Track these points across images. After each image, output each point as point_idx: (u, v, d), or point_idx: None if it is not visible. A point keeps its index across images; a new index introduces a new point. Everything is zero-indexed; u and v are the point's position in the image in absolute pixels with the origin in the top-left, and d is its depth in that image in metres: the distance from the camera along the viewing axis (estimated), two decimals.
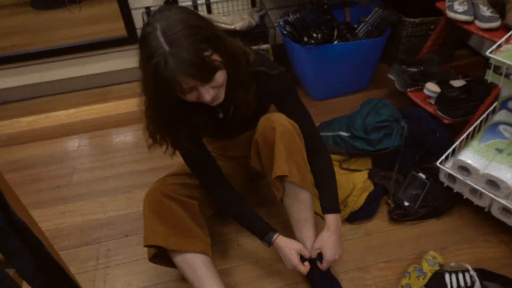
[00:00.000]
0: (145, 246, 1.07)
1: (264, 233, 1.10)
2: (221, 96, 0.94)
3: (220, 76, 0.89)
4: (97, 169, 1.69)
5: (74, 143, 1.84)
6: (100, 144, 1.83)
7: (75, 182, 1.64)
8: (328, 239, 1.09)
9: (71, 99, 2.12)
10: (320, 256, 1.10)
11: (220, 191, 1.12)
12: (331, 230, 1.10)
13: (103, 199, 1.54)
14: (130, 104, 2.05)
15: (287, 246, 1.09)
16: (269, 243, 1.10)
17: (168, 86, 0.84)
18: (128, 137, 1.85)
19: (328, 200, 1.13)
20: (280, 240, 1.09)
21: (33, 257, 0.78)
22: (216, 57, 0.86)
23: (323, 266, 1.10)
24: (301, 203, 1.12)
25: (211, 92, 0.89)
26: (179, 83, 0.84)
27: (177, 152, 1.08)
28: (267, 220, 1.13)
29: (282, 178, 1.09)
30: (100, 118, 1.97)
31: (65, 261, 1.06)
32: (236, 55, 0.94)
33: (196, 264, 1.08)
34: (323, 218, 1.14)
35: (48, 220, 1.47)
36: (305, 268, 1.08)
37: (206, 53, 0.83)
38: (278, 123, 1.05)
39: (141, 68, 0.87)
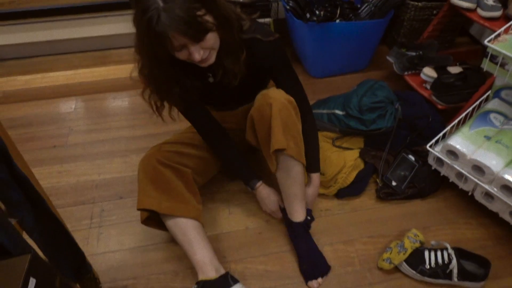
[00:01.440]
0: (138, 209, 1.11)
1: (249, 179, 1.21)
2: (212, 58, 0.95)
3: (211, 38, 0.91)
4: (93, 131, 1.71)
5: (70, 105, 1.85)
6: (97, 107, 1.84)
7: (71, 143, 1.66)
8: (314, 192, 1.26)
9: (70, 60, 2.11)
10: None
11: (216, 137, 1.19)
12: (315, 186, 1.25)
13: (99, 161, 1.57)
14: (129, 69, 2.02)
15: (269, 194, 1.23)
16: (252, 188, 1.22)
17: (160, 42, 0.85)
18: (125, 102, 1.86)
19: (313, 161, 1.22)
20: (264, 188, 1.23)
21: (33, 210, 0.81)
22: (209, 18, 0.88)
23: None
24: (293, 178, 1.15)
25: (201, 53, 0.91)
26: (170, 40, 0.86)
27: (176, 119, 1.11)
28: None
29: (278, 152, 1.11)
30: (98, 82, 1.97)
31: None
32: (229, 19, 0.94)
33: (187, 228, 1.12)
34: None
35: (44, 178, 1.50)
36: (281, 214, 1.25)
37: (199, 13, 0.85)
38: (274, 99, 1.06)
39: (134, 23, 0.87)
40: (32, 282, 0.52)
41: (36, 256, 0.56)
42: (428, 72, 1.62)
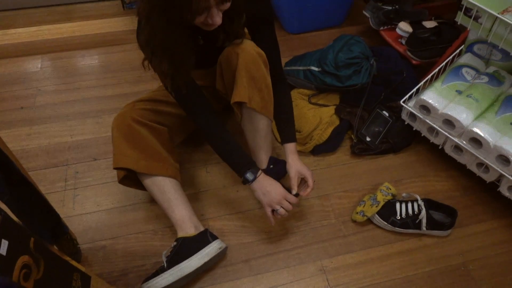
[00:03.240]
0: (115, 168, 1.10)
1: (246, 167, 1.06)
2: (220, 21, 0.93)
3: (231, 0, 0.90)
4: (62, 92, 1.65)
5: (36, 64, 1.77)
6: (65, 66, 1.77)
7: (39, 104, 1.60)
8: (301, 163, 1.15)
9: (32, 15, 1.99)
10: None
11: (204, 118, 1.08)
12: (298, 156, 1.16)
13: (70, 122, 1.53)
14: (97, 25, 1.96)
15: (273, 182, 1.08)
16: (250, 180, 1.06)
17: (184, 3, 0.82)
18: (94, 60, 1.79)
19: (290, 129, 1.18)
20: (265, 178, 1.08)
21: (3, 173, 0.79)
22: None
23: (310, 184, 1.13)
24: (258, 131, 1.15)
25: (220, 15, 0.90)
26: (198, 2, 0.83)
27: (148, 79, 1.07)
28: None
29: (241, 104, 1.11)
30: (64, 39, 1.88)
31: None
32: None
33: (165, 187, 1.12)
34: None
35: (12, 141, 1.46)
36: (295, 198, 1.09)
37: None
38: (243, 50, 1.05)
39: None
40: (4, 243, 0.52)
41: (7, 217, 0.56)
42: (404, 27, 1.62)
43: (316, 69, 1.52)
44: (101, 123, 1.53)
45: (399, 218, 1.20)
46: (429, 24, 1.63)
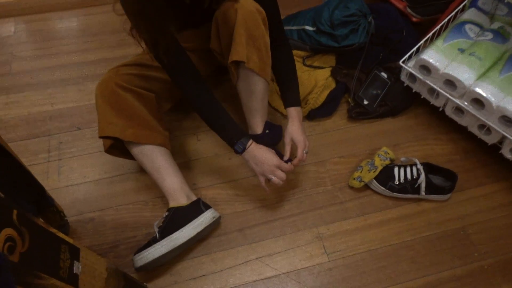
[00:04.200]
0: (100, 137, 1.09)
1: (236, 137, 1.06)
2: None
3: None
4: (39, 57, 1.61)
5: (9, 27, 1.71)
6: (41, 30, 1.71)
7: (15, 71, 1.56)
8: (298, 130, 1.14)
9: None
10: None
11: (191, 85, 1.07)
12: (297, 122, 1.15)
13: (50, 90, 1.50)
14: None
15: (266, 151, 1.08)
16: (240, 150, 1.06)
17: None
18: (73, 23, 1.74)
19: (292, 94, 1.18)
20: (257, 147, 1.07)
21: None
22: None
23: (298, 155, 1.13)
24: (254, 93, 1.15)
25: None
26: None
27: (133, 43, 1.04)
28: None
29: (239, 64, 1.10)
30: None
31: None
32: None
33: (154, 156, 1.12)
34: (283, 115, 1.19)
35: None
36: (289, 166, 1.09)
37: None
38: (242, 6, 1.03)
39: None
40: None
41: None
42: None
43: (310, 28, 1.49)
44: (83, 90, 1.50)
45: (397, 183, 1.21)
46: None
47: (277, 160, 1.08)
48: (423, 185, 1.19)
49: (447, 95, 1.26)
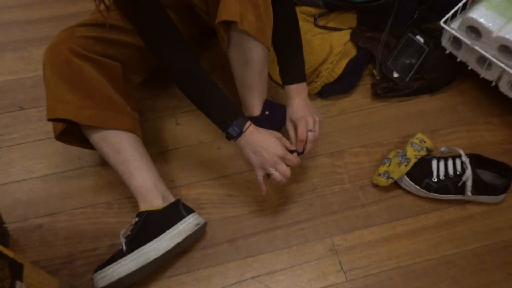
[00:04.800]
0: (50, 119, 1.08)
1: (231, 117, 1.05)
2: None
3: None
4: None
5: None
6: None
7: None
8: (299, 107, 1.16)
9: None
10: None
11: (171, 51, 1.05)
12: (299, 99, 1.16)
13: None
14: None
15: (265, 134, 1.07)
16: (235, 134, 1.05)
17: None
18: None
19: (293, 66, 1.17)
20: (257, 130, 1.07)
21: None
22: None
23: (299, 133, 1.13)
24: (251, 63, 1.14)
25: None
26: None
27: None
28: None
29: (230, 25, 1.09)
30: None
31: None
32: None
33: (120, 144, 1.11)
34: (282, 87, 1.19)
35: None
36: (296, 158, 1.08)
37: None
38: None
39: None
40: None
41: None
42: None
43: None
44: (27, 58, 1.50)
45: (435, 180, 1.21)
46: None
47: (282, 149, 1.06)
48: (469, 183, 1.19)
49: (503, 65, 1.26)
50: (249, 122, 1.06)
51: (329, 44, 1.44)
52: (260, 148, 1.05)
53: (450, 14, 1.36)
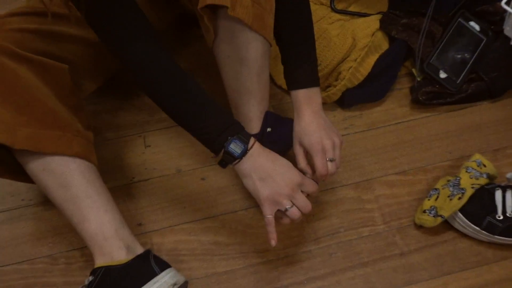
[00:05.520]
0: None
1: (227, 132, 1.03)
2: None
3: None
4: None
5: None
6: None
7: None
8: (310, 125, 1.15)
9: None
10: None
11: (141, 46, 1.03)
12: (308, 112, 1.15)
13: None
14: None
15: (275, 155, 1.08)
16: (242, 150, 1.03)
17: None
18: None
19: (302, 66, 1.17)
20: (262, 148, 1.07)
21: None
22: None
23: (317, 167, 1.12)
24: (246, 62, 1.14)
25: None
26: None
27: None
28: None
29: (217, 11, 1.10)
30: None
31: None
32: None
33: (68, 175, 1.10)
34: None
35: None
36: (314, 185, 1.10)
37: None
38: None
39: None
40: None
41: None
42: None
43: None
44: None
45: (501, 217, 1.21)
46: None
47: (299, 174, 1.07)
48: None
49: None
50: (253, 138, 1.05)
51: (351, 35, 1.45)
52: (273, 172, 1.05)
53: None
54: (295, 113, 1.17)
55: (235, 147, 1.02)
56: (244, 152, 1.03)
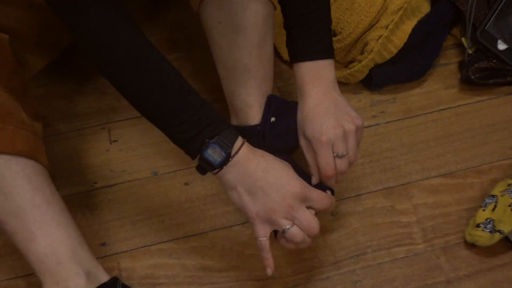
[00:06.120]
0: None
1: (212, 129, 1.02)
2: None
3: None
4: None
5: None
6: None
7: None
8: (316, 110, 1.14)
9: None
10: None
11: (101, 13, 1.00)
12: (316, 93, 1.14)
13: None
14: None
15: (270, 160, 1.06)
16: (222, 158, 1.01)
17: None
18: None
19: (311, 32, 1.15)
20: (253, 150, 1.06)
21: None
22: None
23: (321, 165, 1.12)
24: (243, 31, 1.15)
25: None
26: None
27: None
28: None
29: None
30: None
31: None
32: None
33: (10, 180, 1.10)
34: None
35: None
36: (325, 196, 1.07)
37: None
38: None
39: None
40: None
41: None
42: None
43: None
44: None
45: None
46: None
47: (301, 184, 1.04)
48: None
49: None
50: (240, 139, 1.04)
51: None
52: (265, 185, 1.04)
53: None
54: (298, 94, 1.16)
55: (213, 153, 1.01)
56: (225, 160, 1.01)
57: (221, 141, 1.01)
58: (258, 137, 1.13)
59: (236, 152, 1.02)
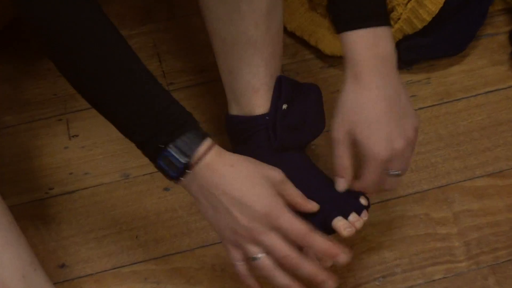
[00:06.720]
0: None
1: (168, 130, 1.02)
2: None
3: None
4: None
5: None
6: None
7: None
8: (375, 108, 1.12)
9: None
10: None
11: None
12: (380, 73, 1.13)
13: None
14: None
15: (242, 166, 1.06)
16: (180, 167, 1.01)
17: None
18: None
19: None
20: (221, 153, 1.04)
21: None
22: None
23: (365, 180, 1.12)
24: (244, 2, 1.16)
25: None
26: None
27: None
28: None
29: None
30: None
31: None
32: None
33: None
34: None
35: None
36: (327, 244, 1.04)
37: None
38: None
39: None
40: None
41: None
42: None
43: None
44: None
45: None
46: None
47: (276, 205, 1.02)
48: None
49: None
50: (206, 144, 1.03)
51: None
52: (227, 200, 1.03)
53: None
54: (348, 72, 1.13)
55: (167, 164, 1.01)
56: (182, 171, 1.01)
57: (179, 147, 1.00)
58: (267, 130, 1.14)
59: (199, 161, 1.01)
